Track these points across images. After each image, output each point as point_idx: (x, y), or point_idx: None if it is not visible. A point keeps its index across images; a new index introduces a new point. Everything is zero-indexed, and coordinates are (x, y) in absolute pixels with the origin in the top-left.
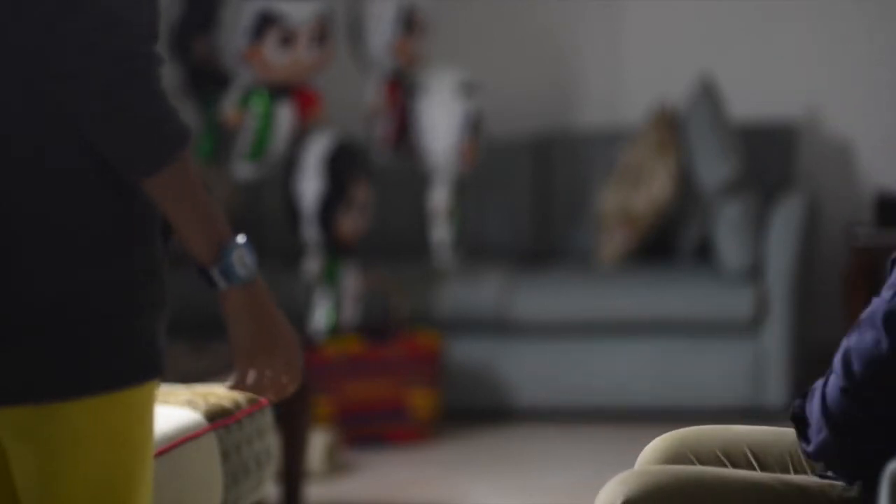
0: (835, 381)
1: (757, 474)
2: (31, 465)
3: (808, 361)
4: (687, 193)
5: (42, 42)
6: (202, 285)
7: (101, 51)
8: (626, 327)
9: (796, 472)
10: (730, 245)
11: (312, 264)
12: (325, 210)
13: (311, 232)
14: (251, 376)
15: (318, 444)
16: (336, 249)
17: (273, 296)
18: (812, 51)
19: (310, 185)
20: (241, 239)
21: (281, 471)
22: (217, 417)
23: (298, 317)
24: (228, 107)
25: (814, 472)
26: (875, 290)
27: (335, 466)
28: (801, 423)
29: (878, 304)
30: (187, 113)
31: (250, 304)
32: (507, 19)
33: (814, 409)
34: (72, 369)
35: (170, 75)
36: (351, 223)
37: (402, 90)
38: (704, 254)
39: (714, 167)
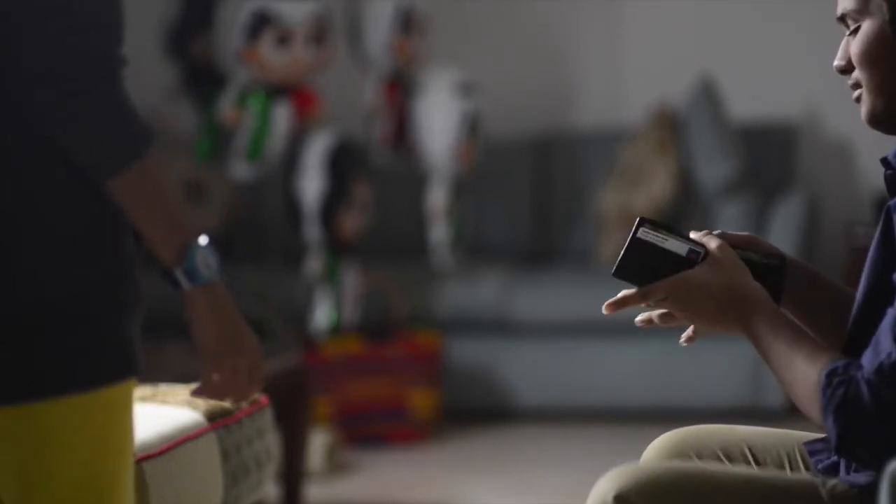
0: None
1: (752, 470)
2: (10, 466)
3: None
4: (687, 193)
5: (10, 43)
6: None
7: (69, 53)
8: (626, 327)
9: (793, 472)
10: None
11: (314, 263)
12: (327, 209)
13: (312, 231)
14: (216, 378)
15: (318, 444)
16: (337, 248)
17: (231, 297)
18: (812, 51)
19: (311, 185)
20: (203, 240)
21: (281, 471)
22: (217, 417)
23: (299, 317)
24: (225, 106)
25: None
26: None
27: (335, 466)
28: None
29: None
30: (186, 113)
31: (213, 305)
32: (507, 19)
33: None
34: (48, 369)
35: (168, 75)
36: (352, 222)
37: (401, 90)
38: None
39: (714, 167)
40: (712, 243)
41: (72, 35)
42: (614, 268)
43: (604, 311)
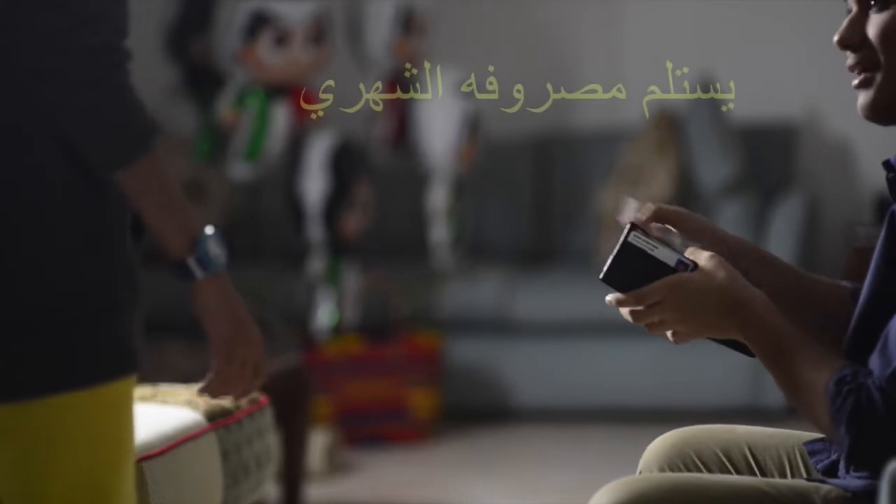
0: None
1: (747, 479)
2: (9, 464)
3: None
4: (687, 193)
5: (16, 39)
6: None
7: (75, 46)
8: (626, 327)
9: (793, 473)
10: None
11: (316, 264)
12: (330, 209)
13: (315, 231)
14: (230, 369)
15: (318, 444)
16: (338, 248)
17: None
18: (812, 51)
19: (313, 185)
20: (210, 230)
21: (281, 471)
22: (217, 417)
23: (299, 317)
24: (224, 107)
25: (809, 475)
26: None
27: (335, 466)
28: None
29: None
30: (186, 113)
31: (224, 294)
32: (507, 19)
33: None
34: (48, 366)
35: (168, 75)
36: (353, 222)
37: (401, 90)
38: None
39: (714, 167)
40: (704, 254)
41: (75, 29)
42: (602, 272)
43: (607, 300)
